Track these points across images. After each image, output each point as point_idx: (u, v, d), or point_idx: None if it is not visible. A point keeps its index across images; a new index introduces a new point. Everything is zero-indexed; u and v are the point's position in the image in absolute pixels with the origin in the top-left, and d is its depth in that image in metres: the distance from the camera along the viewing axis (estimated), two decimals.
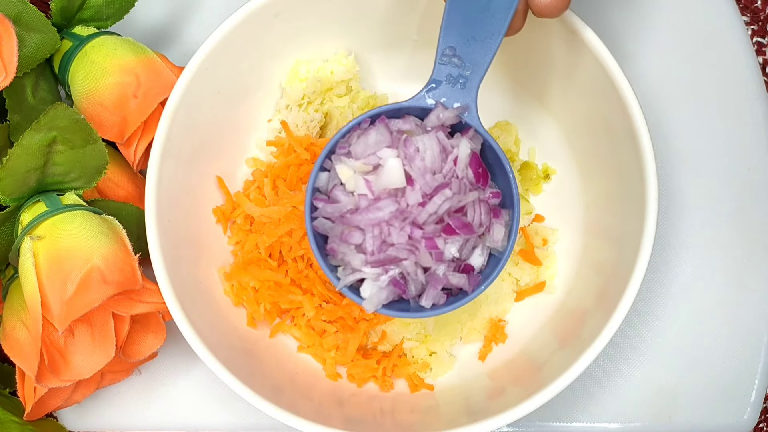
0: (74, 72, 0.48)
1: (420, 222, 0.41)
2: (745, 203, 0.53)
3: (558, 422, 0.51)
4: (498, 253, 0.43)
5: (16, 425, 0.47)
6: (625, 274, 0.43)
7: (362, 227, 0.41)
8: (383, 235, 0.41)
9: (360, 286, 0.42)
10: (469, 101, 0.42)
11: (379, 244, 0.41)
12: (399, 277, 0.41)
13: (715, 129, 0.54)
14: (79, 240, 0.43)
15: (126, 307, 0.44)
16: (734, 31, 0.55)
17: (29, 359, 0.43)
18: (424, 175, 0.41)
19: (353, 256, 0.41)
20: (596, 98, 0.47)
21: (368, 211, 0.40)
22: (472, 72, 0.42)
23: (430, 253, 0.41)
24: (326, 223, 0.42)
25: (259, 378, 0.45)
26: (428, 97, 0.42)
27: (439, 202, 0.40)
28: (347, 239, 0.41)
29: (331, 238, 0.42)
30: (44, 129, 0.43)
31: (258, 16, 0.47)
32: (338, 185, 0.42)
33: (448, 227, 0.41)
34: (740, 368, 0.51)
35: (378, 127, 0.42)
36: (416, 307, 0.43)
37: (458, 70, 0.42)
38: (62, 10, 0.49)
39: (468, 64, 0.42)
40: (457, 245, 0.41)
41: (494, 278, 0.42)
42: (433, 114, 0.42)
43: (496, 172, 0.44)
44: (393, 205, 0.40)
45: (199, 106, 0.48)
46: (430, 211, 0.40)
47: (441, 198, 0.40)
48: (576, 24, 0.45)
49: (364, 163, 0.41)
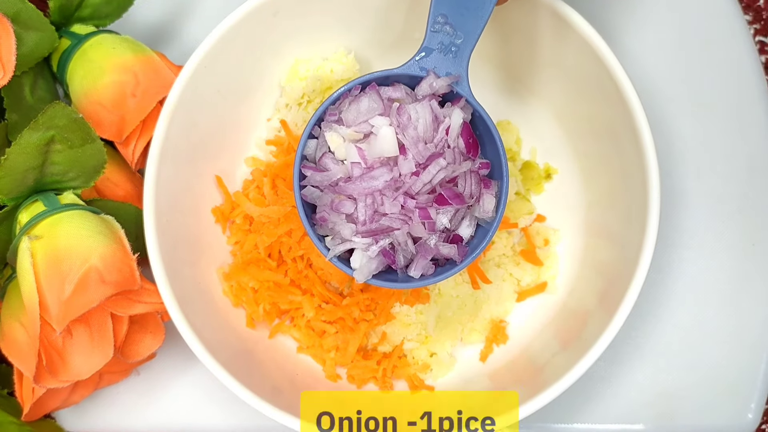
0: (72, 71, 0.48)
1: (414, 192, 0.40)
2: (748, 204, 0.53)
3: (559, 423, 0.51)
4: (486, 224, 0.43)
5: (15, 426, 0.47)
6: (627, 275, 0.43)
7: (355, 196, 0.40)
8: (376, 205, 0.40)
9: (349, 257, 0.42)
10: (460, 71, 0.42)
11: (371, 214, 0.40)
12: (389, 247, 0.41)
13: (717, 129, 0.54)
14: (77, 240, 0.43)
15: (124, 308, 0.43)
16: (736, 31, 0.55)
17: (27, 360, 0.43)
18: (417, 144, 0.40)
19: (343, 226, 0.41)
20: (598, 98, 0.47)
21: (362, 180, 0.40)
22: (464, 41, 0.41)
23: (423, 223, 0.40)
24: (314, 192, 0.42)
25: (258, 379, 0.45)
26: (419, 65, 0.42)
27: (434, 172, 0.40)
28: (338, 208, 0.40)
29: (320, 207, 0.42)
30: (42, 128, 0.43)
31: (257, 14, 0.47)
32: (327, 153, 0.41)
33: (440, 197, 0.41)
34: (743, 369, 0.51)
35: (370, 94, 0.41)
36: (404, 277, 0.42)
37: (450, 38, 0.41)
38: (60, 8, 0.49)
39: (460, 33, 0.41)
40: (448, 216, 0.41)
41: (483, 249, 0.42)
42: (425, 82, 0.42)
43: (486, 142, 0.43)
44: (387, 174, 0.40)
45: (198, 105, 0.47)
46: (425, 181, 0.40)
47: (435, 168, 0.40)
48: (578, 23, 0.45)
49: (356, 131, 0.41)
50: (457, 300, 0.50)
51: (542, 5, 0.46)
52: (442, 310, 0.50)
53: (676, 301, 0.52)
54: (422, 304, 0.50)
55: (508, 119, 0.54)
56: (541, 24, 0.47)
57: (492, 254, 0.51)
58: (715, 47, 0.55)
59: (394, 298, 0.49)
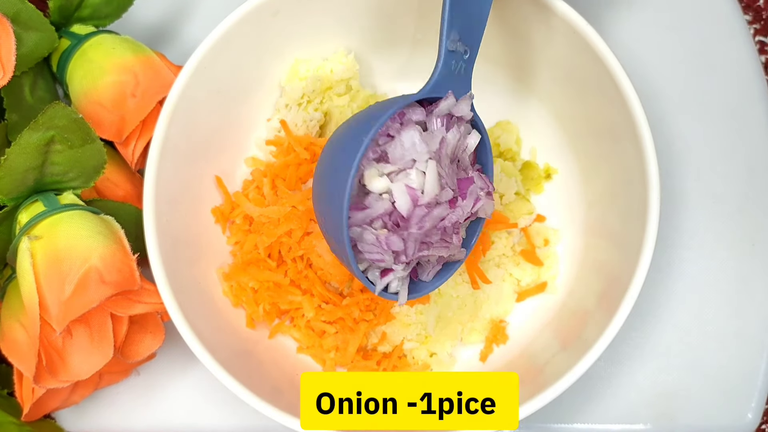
0: (72, 71, 0.48)
1: (453, 222, 0.41)
2: (748, 204, 0.53)
3: (559, 424, 0.51)
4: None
5: (14, 426, 0.47)
6: (627, 275, 0.43)
7: (404, 238, 0.40)
8: (422, 238, 0.41)
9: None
10: (469, 86, 0.42)
11: (418, 247, 0.41)
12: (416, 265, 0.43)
13: (717, 129, 0.54)
14: (77, 240, 0.43)
15: (124, 308, 0.43)
16: (736, 31, 0.55)
17: (27, 360, 0.43)
18: (447, 170, 0.41)
19: (388, 259, 0.40)
20: (598, 98, 0.47)
21: (412, 219, 0.39)
22: (470, 55, 0.42)
23: (456, 245, 0.42)
24: (355, 230, 0.40)
25: (258, 379, 0.45)
26: (436, 86, 0.41)
27: (472, 203, 0.41)
28: (389, 246, 0.40)
29: (362, 244, 0.40)
30: (42, 128, 0.43)
31: (257, 14, 0.47)
32: (371, 191, 0.40)
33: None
34: (743, 369, 0.51)
35: (409, 128, 0.40)
36: (422, 285, 0.44)
37: (460, 55, 0.42)
38: (60, 8, 0.49)
39: (467, 48, 0.42)
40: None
41: (475, 242, 0.44)
42: (445, 104, 0.41)
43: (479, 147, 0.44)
44: (435, 210, 0.40)
45: (197, 105, 0.47)
46: (467, 211, 0.41)
47: (472, 197, 0.41)
48: (578, 23, 0.45)
49: (400, 168, 0.39)
50: (457, 300, 0.50)
51: (542, 5, 0.46)
52: (442, 310, 0.50)
53: (676, 302, 0.52)
54: (422, 304, 0.50)
55: (508, 119, 0.54)
56: (541, 24, 0.47)
57: (492, 254, 0.51)
58: (715, 47, 0.55)
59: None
